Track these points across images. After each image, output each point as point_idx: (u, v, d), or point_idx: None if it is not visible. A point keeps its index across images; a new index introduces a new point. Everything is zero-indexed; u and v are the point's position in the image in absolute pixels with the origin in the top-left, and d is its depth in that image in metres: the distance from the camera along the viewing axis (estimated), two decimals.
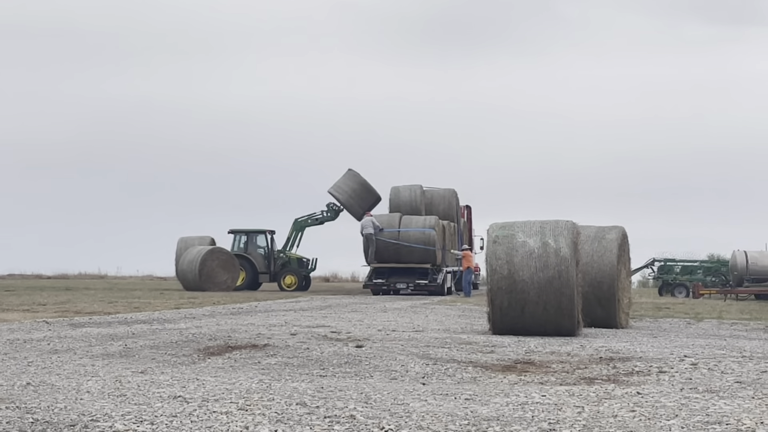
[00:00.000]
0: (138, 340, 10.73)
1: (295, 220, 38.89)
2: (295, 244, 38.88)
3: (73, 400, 6.24)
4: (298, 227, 38.76)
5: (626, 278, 15.19)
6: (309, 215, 38.73)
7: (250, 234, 38.42)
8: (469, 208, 42.46)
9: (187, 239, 38.59)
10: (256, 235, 38.46)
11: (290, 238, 38.71)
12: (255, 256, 37.76)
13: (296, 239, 38.87)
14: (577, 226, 12.88)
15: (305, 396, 6.49)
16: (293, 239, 38.77)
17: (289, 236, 38.73)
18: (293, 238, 38.75)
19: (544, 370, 8.39)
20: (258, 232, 38.48)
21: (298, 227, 38.76)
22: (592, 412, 5.88)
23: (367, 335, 11.74)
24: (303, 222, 38.78)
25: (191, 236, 38.98)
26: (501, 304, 12.43)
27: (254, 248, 38.17)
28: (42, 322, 13.98)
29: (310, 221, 38.69)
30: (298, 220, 38.82)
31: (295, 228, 38.74)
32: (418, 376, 7.88)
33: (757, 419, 5.65)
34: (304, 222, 38.77)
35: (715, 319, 18.09)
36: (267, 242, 38.37)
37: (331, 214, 38.15)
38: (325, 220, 38.42)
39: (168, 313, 17.37)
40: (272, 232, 38.69)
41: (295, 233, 38.72)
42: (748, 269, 38.30)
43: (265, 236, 38.43)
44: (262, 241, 38.44)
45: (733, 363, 8.84)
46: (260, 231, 38.48)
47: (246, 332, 11.86)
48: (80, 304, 20.93)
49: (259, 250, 38.23)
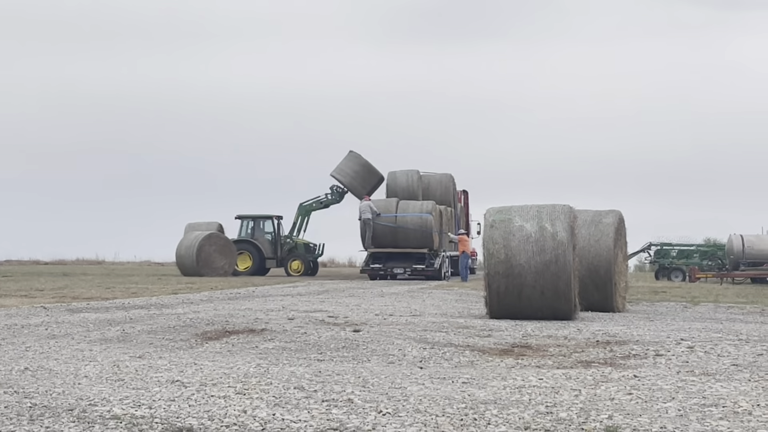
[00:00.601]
0: (136, 325, 10.74)
1: (299, 204, 38.60)
2: (302, 229, 38.66)
3: (71, 384, 6.25)
4: (304, 212, 38.48)
5: (623, 262, 15.21)
6: (313, 199, 38.47)
7: (257, 219, 38.22)
8: (466, 193, 42.44)
9: (194, 224, 38.48)
10: (264, 220, 38.24)
11: (296, 223, 38.49)
12: (262, 241, 37.54)
13: (302, 224, 38.60)
14: (574, 211, 12.88)
15: (303, 380, 6.50)
16: (299, 224, 38.53)
17: (295, 221, 38.50)
18: (299, 223, 38.49)
19: (541, 354, 8.41)
20: (265, 218, 38.28)
21: (304, 212, 38.48)
22: (589, 395, 5.90)
23: (365, 320, 11.75)
24: (308, 206, 38.48)
25: (199, 222, 38.85)
26: (498, 289, 12.44)
27: (261, 234, 37.95)
28: (40, 307, 13.99)
29: (314, 205, 38.38)
30: (302, 204, 38.53)
31: (300, 213, 38.46)
32: (416, 360, 7.90)
33: (754, 402, 5.66)
34: (309, 206, 38.47)
35: (711, 302, 18.12)
36: (274, 227, 38.18)
37: (336, 197, 37.86)
38: (330, 203, 38.17)
39: (165, 298, 17.38)
40: (279, 218, 38.47)
41: (301, 218, 38.44)
42: (744, 253, 38.33)
43: (272, 221, 38.26)
44: (270, 226, 38.25)
45: (730, 346, 8.86)
46: (267, 216, 38.29)
47: (243, 317, 11.87)
48: (78, 289, 20.93)
49: (267, 236, 38.03)
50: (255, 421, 5.05)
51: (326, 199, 38.15)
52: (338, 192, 37.67)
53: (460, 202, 40.56)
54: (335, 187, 37.66)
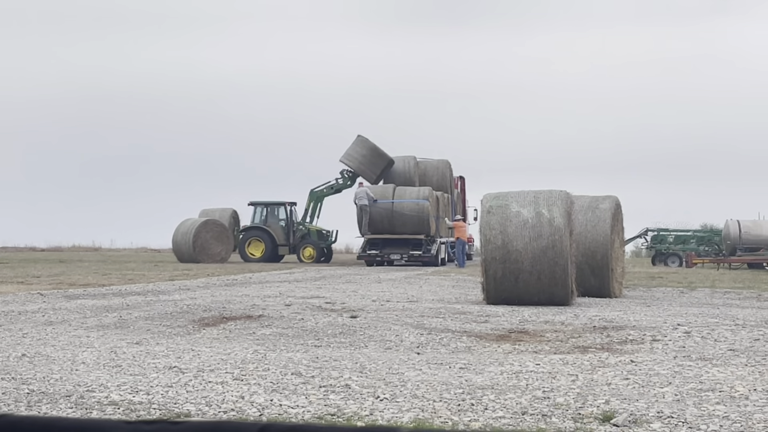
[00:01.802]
0: (133, 312, 10.74)
1: (311, 191, 38.16)
2: (314, 216, 38.16)
3: (69, 371, 6.25)
4: (315, 198, 38.14)
5: (620, 248, 15.22)
6: (324, 184, 38.07)
7: (271, 206, 37.93)
8: (462, 179, 42.46)
9: (208, 211, 38.30)
10: (277, 207, 37.98)
11: (308, 209, 38.17)
12: (275, 228, 37.14)
13: (315, 210, 38.14)
14: (570, 196, 12.88)
15: (300, 366, 6.50)
16: (312, 211, 38.09)
17: (307, 207, 38.07)
18: (312, 210, 38.09)
19: (538, 339, 8.42)
20: (278, 204, 37.87)
21: (315, 198, 38.14)
22: (586, 380, 5.91)
23: (362, 306, 11.76)
24: (319, 192, 38.02)
25: (213, 208, 38.63)
26: (495, 274, 12.45)
27: (275, 220, 37.57)
28: (36, 294, 13.99)
29: (325, 191, 37.93)
30: (314, 190, 38.09)
31: (311, 199, 38.00)
32: (413, 346, 7.91)
33: (750, 386, 5.68)
34: (320, 192, 38.01)
35: (708, 288, 18.15)
36: (287, 214, 37.88)
37: (347, 181, 37.47)
38: (342, 188, 37.66)
39: (162, 284, 17.38)
40: (293, 204, 38.11)
41: (313, 204, 38.03)
42: (741, 238, 38.40)
43: (285, 208, 37.99)
44: (283, 213, 37.99)
45: (726, 331, 8.88)
46: (280, 203, 37.91)
47: (241, 303, 11.87)
48: (74, 276, 20.93)
49: (280, 223, 37.68)
50: (253, 406, 5.05)
51: (337, 183, 37.74)
52: (349, 175, 37.21)
53: (456, 188, 40.57)
54: (345, 171, 37.28)
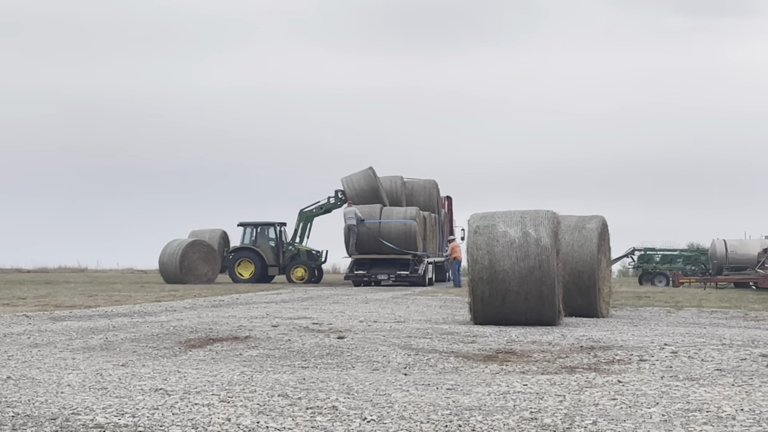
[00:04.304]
0: (119, 333, 10.69)
1: (300, 211, 37.90)
2: (304, 236, 37.94)
3: (54, 393, 6.21)
4: (304, 218, 37.87)
5: (606, 267, 15.25)
6: (313, 204, 37.79)
7: (260, 226, 37.69)
8: (449, 199, 42.50)
9: (198, 232, 38.13)
10: (267, 227, 37.77)
11: (297, 229, 37.92)
12: (264, 248, 36.90)
13: (305, 231, 37.92)
14: (557, 216, 12.91)
15: (287, 387, 6.48)
16: (302, 231, 37.84)
17: (297, 228, 37.92)
18: (301, 230, 37.83)
19: (526, 360, 8.42)
20: (268, 225, 37.66)
21: (304, 218, 37.87)
22: (573, 401, 5.91)
23: (349, 326, 11.74)
24: (309, 212, 37.72)
25: (202, 229, 38.44)
26: (482, 294, 12.46)
27: (264, 241, 37.34)
28: (22, 315, 13.91)
29: (315, 210, 37.67)
30: (303, 210, 37.86)
31: (301, 219, 37.77)
32: (400, 367, 7.89)
33: (737, 406, 5.68)
34: (309, 212, 37.75)
35: (694, 307, 18.19)
36: (277, 234, 37.65)
37: (337, 201, 37.03)
38: (332, 208, 37.31)
39: (149, 306, 17.31)
40: (282, 225, 37.91)
41: (303, 225, 37.83)
42: (727, 258, 38.53)
43: (275, 228, 37.82)
44: (273, 233, 37.81)
45: (713, 351, 8.89)
46: (270, 223, 37.66)
47: (227, 324, 11.83)
48: (60, 297, 20.83)
49: (270, 243, 37.48)
50: (239, 429, 5.03)
51: (328, 203, 37.44)
52: (342, 197, 36.75)
53: (444, 208, 40.61)
54: (339, 192, 37.00)
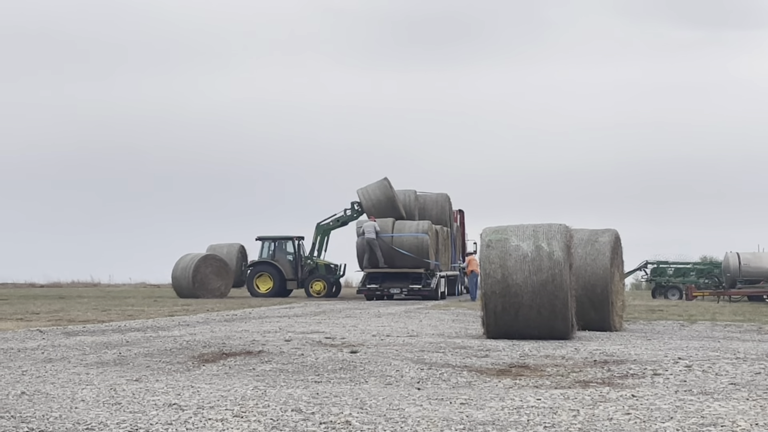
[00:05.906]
0: (132, 348, 10.71)
1: (317, 224, 37.72)
2: (322, 250, 37.74)
3: (68, 408, 6.23)
4: (322, 231, 37.69)
5: (619, 281, 15.21)
6: (330, 217, 37.62)
7: (278, 240, 37.58)
8: (462, 213, 42.45)
9: (216, 246, 38.18)
10: (285, 241, 37.64)
11: (315, 243, 37.88)
12: (283, 263, 36.83)
13: (323, 244, 37.75)
14: (570, 230, 12.90)
15: (300, 402, 6.48)
16: (319, 244, 37.68)
17: (314, 241, 37.80)
18: (319, 243, 37.66)
19: (539, 374, 8.40)
20: (286, 239, 37.60)
21: (322, 231, 37.69)
22: (587, 416, 5.89)
23: (362, 341, 11.73)
24: (326, 226, 37.64)
25: (220, 244, 38.48)
26: (495, 308, 12.44)
27: (283, 255, 37.28)
28: (36, 330, 13.95)
29: (332, 224, 37.55)
30: (320, 224, 37.69)
31: (318, 233, 37.62)
32: (413, 381, 7.88)
33: (752, 421, 5.66)
34: (326, 226, 37.64)
35: (708, 320, 18.11)
36: (295, 249, 37.52)
37: (353, 214, 36.80)
38: (348, 220, 37.08)
39: (162, 320, 17.34)
40: (300, 239, 37.84)
41: (320, 238, 37.64)
42: (740, 271, 38.32)
43: (293, 242, 37.79)
44: (291, 247, 37.64)
45: (727, 365, 8.85)
46: (288, 237, 37.59)
47: (240, 339, 11.84)
48: (74, 312, 20.88)
49: (288, 257, 37.39)
50: None
51: (345, 215, 37.24)
52: (358, 210, 36.54)
53: (456, 221, 40.56)
54: (356, 204, 36.74)
